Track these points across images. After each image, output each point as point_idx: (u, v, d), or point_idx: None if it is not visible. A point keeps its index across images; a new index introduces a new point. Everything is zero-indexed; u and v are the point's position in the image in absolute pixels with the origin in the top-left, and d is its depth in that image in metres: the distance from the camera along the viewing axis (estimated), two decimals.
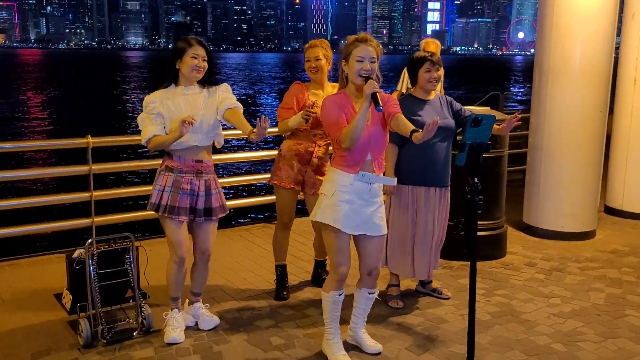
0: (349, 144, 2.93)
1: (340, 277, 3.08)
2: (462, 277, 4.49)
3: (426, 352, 3.34)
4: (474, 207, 2.57)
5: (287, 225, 4.07)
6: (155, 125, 3.31)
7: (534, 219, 5.66)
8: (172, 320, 3.48)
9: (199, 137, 3.35)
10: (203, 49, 3.36)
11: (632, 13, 6.14)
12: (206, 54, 3.37)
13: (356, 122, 2.90)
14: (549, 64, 5.44)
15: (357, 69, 2.98)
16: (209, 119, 3.36)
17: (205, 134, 3.38)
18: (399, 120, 3.03)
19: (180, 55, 3.34)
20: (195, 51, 3.33)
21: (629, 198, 6.25)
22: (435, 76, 3.80)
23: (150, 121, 3.32)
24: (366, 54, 2.98)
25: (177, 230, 3.39)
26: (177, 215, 3.34)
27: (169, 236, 3.41)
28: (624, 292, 4.27)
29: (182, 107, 3.32)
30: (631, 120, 6.18)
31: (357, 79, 2.99)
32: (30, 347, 3.35)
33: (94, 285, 3.36)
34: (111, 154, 12.36)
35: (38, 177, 10.12)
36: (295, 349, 3.37)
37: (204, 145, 3.40)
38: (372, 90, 2.87)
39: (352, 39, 3.05)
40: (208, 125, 3.37)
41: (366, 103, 2.90)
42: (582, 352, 3.36)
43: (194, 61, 3.32)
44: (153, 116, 3.32)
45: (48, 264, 4.73)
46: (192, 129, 3.29)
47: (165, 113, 3.32)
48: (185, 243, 3.44)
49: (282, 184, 3.96)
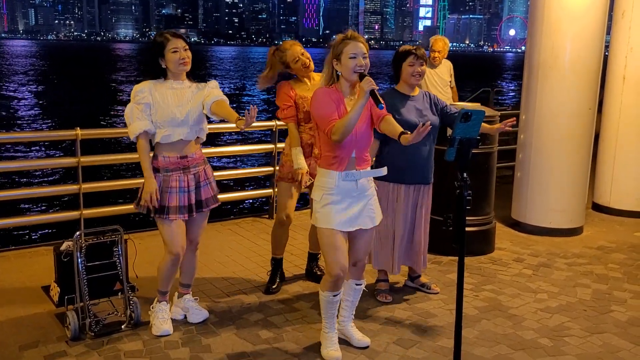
0: (340, 137, 2.93)
1: (335, 279, 3.09)
2: (450, 272, 4.52)
3: (414, 346, 3.36)
4: (463, 202, 2.59)
5: (286, 220, 4.06)
6: (143, 119, 3.29)
7: (523, 215, 5.70)
8: (161, 313, 3.47)
9: (185, 132, 3.33)
10: (181, 40, 3.32)
11: (622, 11, 6.18)
12: (185, 43, 3.33)
13: (351, 116, 2.90)
14: (538, 60, 5.46)
15: (351, 65, 2.98)
16: (195, 113, 3.34)
17: (191, 128, 3.35)
18: (388, 122, 3.05)
19: (161, 53, 3.30)
20: (174, 45, 3.28)
21: (616, 195, 6.31)
22: (418, 70, 3.76)
23: (139, 113, 3.30)
24: (358, 50, 2.98)
25: (169, 228, 3.36)
26: (167, 214, 3.32)
27: (162, 234, 3.40)
28: (610, 288, 4.31)
29: (170, 100, 3.31)
30: (619, 118, 6.23)
31: (352, 75, 2.99)
32: (18, 340, 3.34)
33: (82, 277, 3.35)
34: (100, 147, 12.30)
35: (26, 169, 10.05)
36: (284, 343, 3.38)
37: (189, 139, 3.37)
38: (370, 88, 2.87)
39: (341, 37, 3.05)
40: (193, 120, 3.34)
41: (362, 100, 2.90)
42: (568, 347, 3.40)
43: (176, 55, 3.28)
44: (142, 106, 3.29)
45: (36, 256, 4.71)
46: (178, 122, 3.28)
47: (153, 103, 3.30)
48: (180, 240, 3.39)
49: (284, 179, 3.98)
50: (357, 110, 2.90)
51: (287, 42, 3.99)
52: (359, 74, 2.96)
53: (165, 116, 3.28)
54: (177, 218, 3.35)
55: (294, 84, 3.98)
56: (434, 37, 6.47)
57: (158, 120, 3.29)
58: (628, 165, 6.22)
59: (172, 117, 3.28)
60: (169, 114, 3.28)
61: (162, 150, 3.35)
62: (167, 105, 3.29)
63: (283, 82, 4.00)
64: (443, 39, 6.43)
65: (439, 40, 6.39)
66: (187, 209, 3.38)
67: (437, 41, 6.36)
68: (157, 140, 3.33)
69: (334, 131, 2.94)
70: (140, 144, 3.31)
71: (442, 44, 6.34)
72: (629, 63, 6.12)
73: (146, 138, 3.32)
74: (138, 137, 3.30)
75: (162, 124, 3.29)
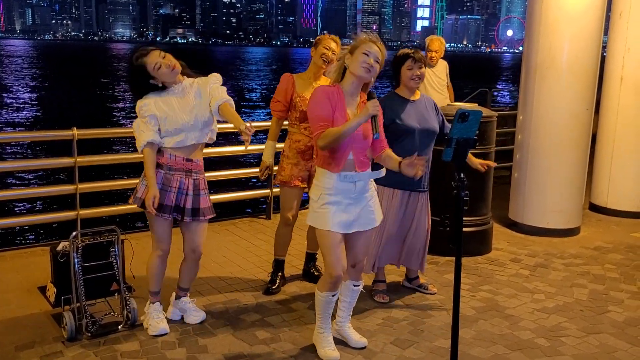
0: (326, 145, 2.92)
1: (334, 280, 3.08)
2: (447, 273, 4.52)
3: (411, 347, 3.36)
4: (460, 202, 2.58)
5: (290, 221, 4.05)
6: (148, 130, 3.26)
7: (520, 215, 5.70)
8: (155, 313, 3.47)
9: (196, 135, 3.32)
10: (154, 52, 3.25)
11: (619, 12, 6.19)
12: (164, 52, 3.27)
13: (344, 130, 2.88)
14: (536, 61, 5.47)
15: (361, 60, 2.96)
16: (203, 115, 3.31)
17: (201, 131, 3.34)
18: (388, 155, 3.11)
19: (145, 73, 3.24)
20: (153, 61, 3.22)
21: (613, 195, 6.32)
22: (417, 73, 3.74)
23: (144, 125, 3.27)
24: (373, 51, 2.97)
25: (161, 225, 3.37)
26: (162, 212, 3.32)
27: (153, 230, 3.40)
28: (606, 288, 4.32)
29: (175, 106, 3.28)
30: (617, 118, 6.23)
31: (359, 69, 2.97)
32: (14, 340, 3.33)
33: (79, 278, 3.34)
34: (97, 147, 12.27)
35: (23, 169, 10.04)
36: (281, 343, 3.37)
37: (201, 142, 3.37)
38: (374, 113, 2.88)
39: (365, 38, 3.03)
40: (203, 122, 3.32)
41: (362, 118, 2.89)
42: (565, 347, 3.40)
43: (162, 69, 3.22)
44: (147, 118, 3.26)
45: (32, 256, 4.69)
46: (188, 127, 3.27)
47: (159, 114, 3.26)
48: (169, 238, 3.43)
49: (286, 183, 3.97)
50: (352, 126, 2.90)
51: (325, 35, 3.98)
52: (367, 93, 2.98)
53: (176, 124, 3.26)
54: (171, 217, 3.36)
55: (297, 79, 3.94)
56: (430, 37, 6.46)
57: (169, 129, 3.27)
58: (625, 166, 6.23)
59: (183, 123, 3.26)
60: (179, 120, 3.26)
61: (170, 149, 3.33)
62: (175, 113, 3.26)
63: (287, 74, 3.98)
64: (439, 39, 6.42)
65: (435, 40, 6.39)
66: (179, 210, 3.37)
67: (434, 41, 6.36)
68: (170, 146, 3.30)
69: (322, 137, 2.92)
70: (146, 152, 3.28)
71: (439, 43, 6.34)
72: (627, 64, 6.13)
73: (152, 147, 3.29)
74: (144, 147, 3.28)
75: (175, 131, 3.27)
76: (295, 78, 3.94)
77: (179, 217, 3.39)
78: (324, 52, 3.84)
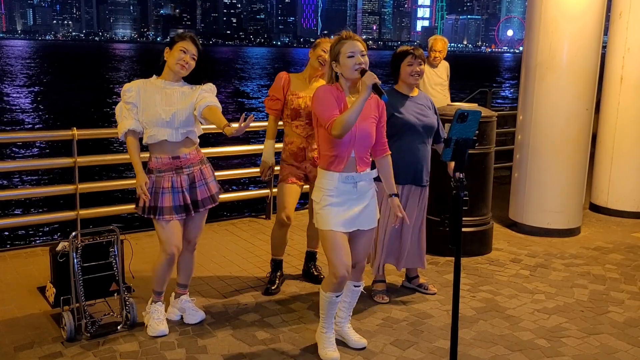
0: (340, 131, 2.91)
1: (339, 280, 3.07)
2: (447, 273, 4.51)
3: (411, 347, 3.36)
4: (459, 202, 2.58)
5: (285, 222, 3.99)
6: (129, 118, 3.28)
7: (520, 215, 5.70)
8: (156, 314, 3.46)
9: (168, 132, 3.29)
10: (195, 47, 3.32)
11: (619, 12, 6.19)
12: (196, 53, 3.32)
13: (352, 110, 2.89)
14: (536, 61, 5.46)
15: (351, 64, 2.97)
16: (181, 115, 3.29)
17: (176, 129, 3.30)
18: (386, 164, 3.21)
19: (170, 45, 3.33)
20: (185, 45, 3.29)
21: (613, 195, 6.31)
22: (417, 70, 3.77)
23: (127, 112, 3.30)
24: (355, 48, 2.99)
25: (164, 228, 3.35)
26: (160, 214, 3.31)
27: (158, 234, 3.39)
28: (607, 288, 4.31)
29: (157, 100, 3.28)
30: (617, 118, 6.23)
31: (353, 73, 2.97)
32: (14, 340, 3.32)
33: (78, 278, 3.34)
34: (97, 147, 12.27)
35: (22, 169, 10.03)
36: (281, 343, 3.37)
37: (174, 140, 3.32)
38: (372, 82, 2.87)
39: (337, 38, 3.06)
40: (179, 121, 3.29)
41: (365, 94, 2.88)
42: (565, 348, 3.39)
43: (181, 54, 3.27)
44: (129, 106, 3.29)
45: (32, 256, 4.69)
46: (162, 123, 3.26)
47: (139, 104, 3.28)
48: (175, 240, 3.37)
49: (284, 180, 3.99)
50: (359, 104, 2.89)
51: (325, 38, 4.00)
52: (360, 70, 2.96)
53: (150, 116, 3.26)
54: (173, 218, 3.34)
55: (293, 78, 3.98)
56: (434, 37, 6.45)
57: (144, 120, 3.28)
58: (625, 166, 6.23)
59: (157, 118, 3.26)
60: (154, 114, 3.26)
61: (154, 151, 3.34)
62: (154, 106, 3.27)
63: (283, 72, 4.01)
64: (443, 39, 6.41)
65: (439, 40, 6.37)
66: (183, 208, 3.37)
67: (437, 41, 6.35)
68: (145, 141, 3.33)
69: (334, 126, 2.92)
70: (129, 140, 3.31)
71: (442, 43, 6.33)
72: (626, 64, 6.12)
73: (134, 136, 3.32)
74: (126, 135, 3.31)
75: (148, 124, 3.28)
76: (291, 77, 3.98)
77: (181, 217, 3.38)
78: (320, 54, 3.87)
